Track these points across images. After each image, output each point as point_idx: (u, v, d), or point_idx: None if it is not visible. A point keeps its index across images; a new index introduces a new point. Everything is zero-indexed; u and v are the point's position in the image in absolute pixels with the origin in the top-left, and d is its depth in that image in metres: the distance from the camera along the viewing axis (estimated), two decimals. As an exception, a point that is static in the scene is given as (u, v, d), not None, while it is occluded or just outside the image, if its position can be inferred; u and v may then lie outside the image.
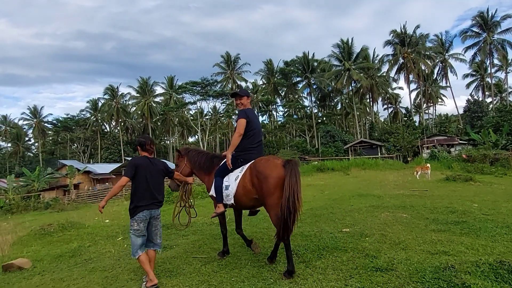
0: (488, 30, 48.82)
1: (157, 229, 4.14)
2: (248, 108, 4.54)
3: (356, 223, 6.04)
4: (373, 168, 25.06)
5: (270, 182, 3.85)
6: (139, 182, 3.92)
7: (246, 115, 4.35)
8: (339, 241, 4.87)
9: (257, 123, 4.49)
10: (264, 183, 3.89)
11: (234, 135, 4.44)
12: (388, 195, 9.53)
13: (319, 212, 7.29)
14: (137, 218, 3.88)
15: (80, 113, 68.06)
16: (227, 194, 4.31)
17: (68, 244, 6.88)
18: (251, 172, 4.12)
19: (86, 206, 22.00)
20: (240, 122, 4.32)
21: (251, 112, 4.51)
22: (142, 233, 3.91)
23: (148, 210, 3.91)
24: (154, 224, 4.07)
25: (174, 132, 74.39)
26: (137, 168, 3.93)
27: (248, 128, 4.32)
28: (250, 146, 4.37)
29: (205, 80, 55.12)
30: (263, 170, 3.95)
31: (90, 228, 8.29)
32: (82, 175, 35.71)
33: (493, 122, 37.57)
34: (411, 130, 41.40)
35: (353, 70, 49.29)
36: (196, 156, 5.01)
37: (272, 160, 4.06)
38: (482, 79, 58.49)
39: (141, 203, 3.88)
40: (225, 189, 4.33)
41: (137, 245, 3.90)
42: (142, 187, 3.92)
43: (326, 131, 51.25)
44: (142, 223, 3.89)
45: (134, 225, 3.90)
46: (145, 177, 3.94)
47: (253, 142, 4.38)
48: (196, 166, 4.95)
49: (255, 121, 4.46)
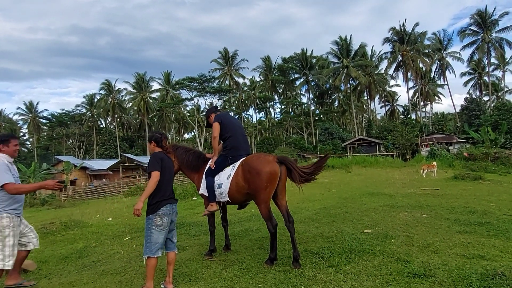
0: (486, 28, 48.85)
1: (175, 227, 4.02)
2: (222, 113, 4.84)
3: (376, 224, 5.81)
4: (373, 166, 24.90)
5: (262, 177, 4.00)
6: (163, 176, 3.77)
7: (219, 119, 4.60)
8: (364, 243, 4.63)
9: (234, 122, 4.73)
10: (257, 178, 4.04)
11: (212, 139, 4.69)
12: (399, 194, 9.32)
13: (334, 212, 7.05)
14: (160, 213, 3.68)
15: (75, 108, 67.41)
16: (220, 192, 4.44)
17: (73, 244, 6.58)
18: (243, 169, 4.26)
19: (84, 202, 21.64)
20: (214, 125, 4.59)
21: (225, 115, 4.81)
22: (165, 228, 3.72)
23: (170, 204, 3.80)
24: (174, 221, 3.92)
25: (171, 129, 73.91)
26: (162, 162, 3.80)
27: (225, 129, 4.54)
28: (236, 144, 4.54)
29: (202, 76, 54.60)
30: (256, 166, 4.11)
31: (94, 227, 7.98)
32: (78, 171, 35.24)
33: (492, 121, 37.64)
34: (409, 128, 41.34)
35: (351, 67, 49.10)
36: (184, 154, 5.00)
37: (264, 156, 4.26)
38: (480, 78, 58.59)
39: (164, 197, 3.77)
40: (217, 187, 4.45)
41: (159, 243, 3.66)
42: (165, 181, 3.80)
43: (324, 128, 51.16)
44: (166, 218, 3.71)
45: (157, 220, 3.67)
46: (166, 171, 3.84)
47: (237, 140, 4.56)
48: (184, 164, 4.97)
49: (232, 121, 4.73)
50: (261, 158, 4.21)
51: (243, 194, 4.34)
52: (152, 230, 3.67)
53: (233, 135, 4.57)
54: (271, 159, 4.16)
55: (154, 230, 3.66)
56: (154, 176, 3.68)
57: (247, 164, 4.24)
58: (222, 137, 4.60)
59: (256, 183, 4.07)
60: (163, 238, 3.72)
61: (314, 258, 4.24)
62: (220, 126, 4.55)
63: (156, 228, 3.66)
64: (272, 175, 4.02)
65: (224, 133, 4.56)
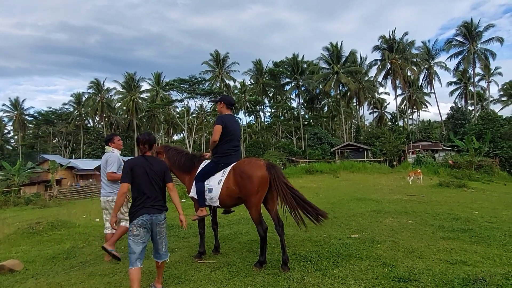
0: (472, 39, 50.03)
1: (162, 236, 3.76)
2: (226, 114, 4.66)
3: (363, 229, 5.93)
4: (361, 171, 25.21)
5: (254, 181, 4.02)
6: (137, 184, 3.60)
7: (222, 121, 4.48)
8: (351, 248, 4.73)
9: (235, 128, 4.60)
10: (248, 182, 4.06)
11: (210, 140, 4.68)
12: (386, 199, 9.49)
13: (322, 216, 7.14)
14: (136, 223, 3.53)
15: (63, 106, 66.39)
16: (210, 197, 4.44)
17: (60, 244, 6.51)
18: (234, 173, 4.25)
19: (70, 202, 21.31)
20: (215, 128, 4.51)
21: (229, 117, 4.61)
22: (142, 239, 3.54)
23: (148, 214, 3.56)
24: (158, 231, 3.68)
25: (160, 130, 73.40)
26: (133, 170, 3.60)
27: (225, 133, 4.47)
28: (229, 150, 4.51)
29: (193, 77, 54.55)
30: (247, 170, 4.12)
31: (81, 227, 7.90)
32: (64, 170, 34.65)
33: (476, 130, 38.50)
34: (397, 135, 41.97)
35: (342, 73, 49.66)
36: (176, 156, 5.03)
37: (255, 161, 4.26)
38: (465, 88, 59.85)
39: (142, 205, 3.57)
40: (208, 192, 4.46)
41: (136, 253, 3.49)
42: (140, 189, 3.60)
43: (314, 133, 51.48)
44: (141, 228, 3.53)
45: (133, 230, 3.52)
46: (142, 179, 3.61)
47: (231, 146, 4.52)
48: (175, 165, 4.97)
49: (233, 126, 4.57)
50: (252, 163, 4.23)
51: (233, 198, 4.35)
52: (129, 241, 3.54)
53: (230, 142, 4.53)
54: (262, 163, 4.18)
55: (131, 241, 3.52)
56: (121, 188, 3.56)
57: (238, 169, 4.26)
58: (219, 141, 4.54)
59: (247, 188, 4.08)
60: (141, 249, 3.53)
61: (302, 261, 4.33)
62: (222, 130, 4.47)
63: (132, 238, 3.51)
64: (263, 179, 4.04)
65: (223, 138, 4.50)
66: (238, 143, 4.68)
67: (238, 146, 4.69)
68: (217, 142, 4.51)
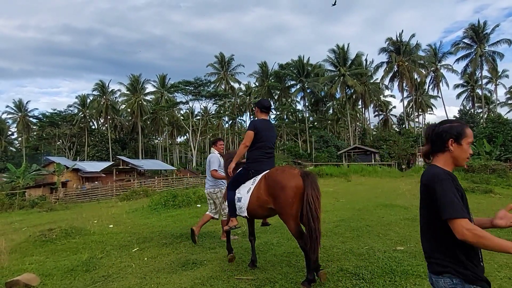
0: (479, 42, 49.56)
1: None
2: (261, 119, 4.45)
3: (405, 240, 5.48)
4: (372, 175, 24.73)
5: (288, 192, 3.71)
6: None
7: (254, 126, 4.25)
8: (403, 263, 4.28)
9: (267, 134, 4.31)
10: (282, 193, 3.75)
11: (240, 145, 4.46)
12: (415, 206, 9.00)
13: (354, 225, 6.70)
14: None
15: (67, 108, 66.28)
16: (239, 206, 4.21)
17: (76, 254, 6.08)
18: (266, 183, 3.97)
19: (76, 205, 20.93)
20: (247, 133, 4.31)
21: (263, 122, 4.38)
22: None
23: None
24: None
25: (163, 132, 73.16)
26: None
27: (256, 139, 4.23)
28: (261, 157, 4.26)
29: (198, 80, 54.35)
30: (280, 180, 3.81)
31: (97, 235, 7.48)
32: (70, 172, 34.33)
33: (486, 133, 37.93)
34: (405, 138, 41.45)
35: (348, 76, 49.26)
36: (226, 162, 4.96)
37: (289, 170, 3.98)
38: (473, 90, 59.30)
39: None
40: (237, 201, 4.24)
41: None
42: None
43: (320, 136, 51.05)
44: None
45: None
46: None
47: (263, 153, 4.27)
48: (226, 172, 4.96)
49: (265, 132, 4.29)
50: (286, 172, 3.92)
51: (265, 209, 4.06)
52: None
53: (261, 148, 4.26)
54: (296, 172, 3.88)
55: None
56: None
57: (270, 178, 3.95)
58: (250, 147, 4.29)
59: (281, 198, 3.76)
60: None
61: (354, 279, 3.87)
62: (253, 135, 4.22)
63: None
64: (298, 189, 3.70)
65: (254, 143, 4.24)
66: (271, 149, 4.39)
67: (271, 152, 4.40)
68: (247, 147, 4.27)
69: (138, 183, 28.71)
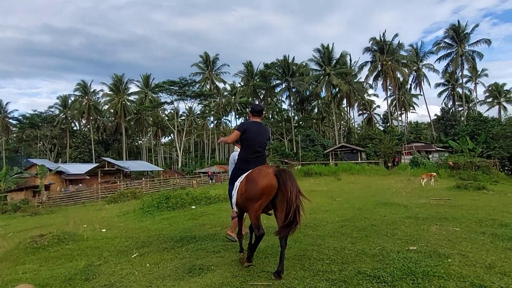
0: (460, 42, 50.70)
1: None
2: (251, 121, 4.72)
3: (414, 239, 5.39)
4: (361, 173, 24.90)
5: (257, 189, 3.95)
6: None
7: (242, 127, 4.55)
8: (421, 263, 4.16)
9: (256, 136, 4.52)
10: (252, 188, 4.03)
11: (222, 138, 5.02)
12: (413, 204, 9.01)
13: (360, 225, 6.59)
14: None
15: (48, 109, 64.47)
16: (232, 201, 4.55)
17: (72, 261, 5.75)
18: (246, 180, 4.25)
19: (61, 209, 20.24)
20: (233, 132, 4.67)
21: (252, 124, 4.61)
22: None
23: None
24: None
25: (148, 132, 72.04)
26: None
27: (245, 139, 4.49)
28: (249, 157, 4.50)
29: (183, 79, 53.72)
30: (254, 178, 4.08)
31: (91, 240, 7.12)
32: (53, 175, 33.22)
33: (468, 131, 38.81)
34: (391, 136, 42.00)
35: (333, 75, 49.59)
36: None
37: (265, 169, 4.15)
38: (453, 89, 60.65)
39: None
40: (232, 197, 4.56)
41: None
42: None
43: (306, 135, 51.22)
44: None
45: None
46: None
47: (251, 153, 4.50)
48: None
49: (254, 134, 4.51)
50: (261, 171, 4.11)
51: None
52: None
53: (248, 148, 4.51)
54: (270, 171, 4.05)
55: None
56: None
57: (248, 176, 4.23)
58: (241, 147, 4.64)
59: (250, 193, 4.05)
60: None
61: (375, 282, 3.73)
62: (239, 136, 4.52)
63: None
64: (267, 188, 3.92)
65: (243, 144, 4.55)
66: (259, 150, 4.55)
67: (260, 152, 4.56)
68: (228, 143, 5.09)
69: (125, 184, 28.07)
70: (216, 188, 21.67)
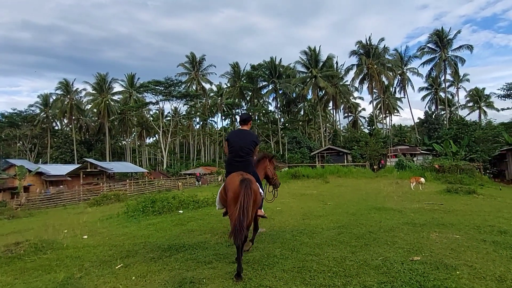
0: (443, 47, 51.62)
1: None
2: (235, 130, 5.32)
3: (417, 248, 5.16)
4: (348, 176, 24.86)
5: (229, 195, 4.44)
6: None
7: (227, 137, 5.11)
8: (429, 277, 3.92)
9: (237, 141, 4.92)
10: (225, 194, 4.58)
11: None
12: (408, 209, 8.85)
13: (357, 232, 6.34)
14: None
15: (28, 108, 62.49)
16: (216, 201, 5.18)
17: (50, 273, 5.28)
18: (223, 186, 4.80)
19: (41, 212, 19.41)
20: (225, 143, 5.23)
21: (235, 133, 5.15)
22: None
23: None
24: None
25: (132, 133, 70.76)
26: None
27: (229, 146, 4.98)
28: (232, 161, 4.92)
29: (169, 80, 52.96)
30: (227, 184, 4.57)
31: (71, 249, 6.63)
32: (33, 176, 31.98)
33: (451, 134, 39.43)
34: (377, 139, 42.31)
35: (320, 77, 49.75)
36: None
37: (236, 176, 4.53)
38: (436, 93, 61.74)
39: None
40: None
41: None
42: None
43: (292, 137, 51.17)
44: None
45: None
46: None
47: (234, 157, 4.89)
48: None
49: (236, 140, 4.95)
50: (233, 178, 4.53)
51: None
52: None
53: (231, 153, 4.93)
54: (237, 179, 4.43)
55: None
56: None
57: (225, 181, 4.73)
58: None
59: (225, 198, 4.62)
60: None
61: (384, 298, 3.46)
62: (227, 145, 5.02)
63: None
64: (234, 194, 4.33)
65: (229, 150, 4.98)
66: (240, 155, 4.88)
67: (242, 157, 4.89)
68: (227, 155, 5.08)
69: (108, 186, 27.25)
70: (203, 190, 21.22)
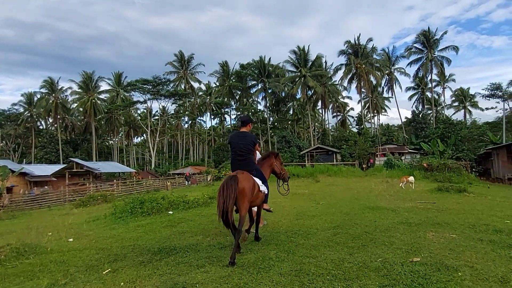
0: (429, 47, 52.29)
1: None
2: (235, 131, 5.81)
3: (415, 249, 5.05)
4: (338, 175, 24.89)
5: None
6: None
7: (229, 138, 5.57)
8: (432, 279, 3.80)
9: (236, 142, 5.38)
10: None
11: None
12: (401, 208, 8.78)
13: (353, 232, 6.21)
14: None
15: (12, 107, 60.92)
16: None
17: (32, 280, 4.99)
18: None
19: (25, 213, 18.82)
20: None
21: (235, 134, 5.59)
22: None
23: None
24: None
25: (119, 132, 69.72)
26: None
27: (230, 147, 5.51)
28: (233, 161, 5.47)
29: (157, 78, 52.32)
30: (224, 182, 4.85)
31: (56, 253, 6.32)
32: (16, 177, 31.06)
33: (438, 133, 39.94)
34: (366, 138, 42.56)
35: (309, 77, 49.83)
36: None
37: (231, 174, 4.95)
38: (423, 93, 62.53)
39: None
40: None
41: None
42: None
43: (282, 136, 51.14)
44: None
45: None
46: None
47: (234, 156, 5.43)
48: None
49: (234, 141, 5.42)
50: (229, 175, 4.93)
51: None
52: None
53: (233, 153, 5.45)
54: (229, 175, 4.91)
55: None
56: None
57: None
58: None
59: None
60: None
61: (388, 304, 3.32)
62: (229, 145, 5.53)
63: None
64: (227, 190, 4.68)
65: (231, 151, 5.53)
66: (240, 154, 5.34)
67: (241, 156, 5.34)
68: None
69: (95, 187, 26.67)
70: (193, 190, 20.95)
